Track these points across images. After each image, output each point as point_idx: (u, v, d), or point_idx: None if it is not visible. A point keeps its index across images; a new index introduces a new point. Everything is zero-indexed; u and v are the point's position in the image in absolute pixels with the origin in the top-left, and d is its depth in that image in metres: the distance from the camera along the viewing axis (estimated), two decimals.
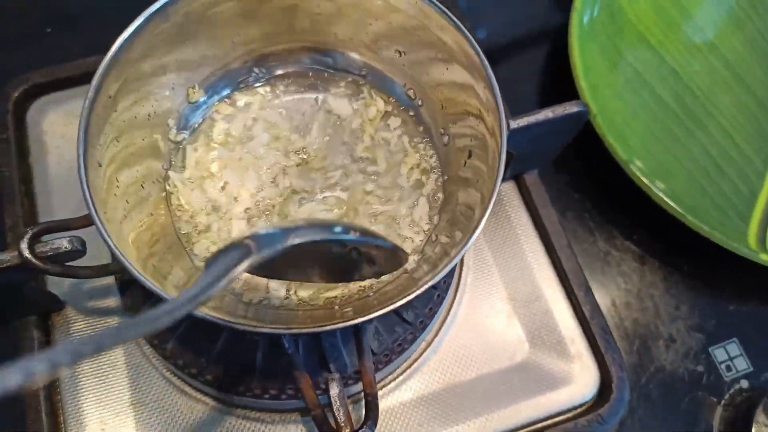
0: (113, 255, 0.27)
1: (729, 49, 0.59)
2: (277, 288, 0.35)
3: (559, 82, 0.51)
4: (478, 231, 0.29)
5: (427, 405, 0.42)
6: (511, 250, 0.47)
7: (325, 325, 0.27)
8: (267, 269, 0.28)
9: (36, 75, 0.52)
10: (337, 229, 0.26)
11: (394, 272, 0.32)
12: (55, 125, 0.51)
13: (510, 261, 0.47)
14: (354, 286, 0.35)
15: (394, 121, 0.41)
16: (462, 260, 0.47)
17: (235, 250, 0.23)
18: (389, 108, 0.41)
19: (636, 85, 0.56)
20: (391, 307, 0.27)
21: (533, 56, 0.60)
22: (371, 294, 0.35)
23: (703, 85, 0.57)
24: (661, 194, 0.46)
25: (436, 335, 0.44)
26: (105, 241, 0.27)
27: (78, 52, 0.53)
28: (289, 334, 0.28)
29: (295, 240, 0.24)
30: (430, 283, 0.28)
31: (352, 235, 0.26)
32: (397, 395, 0.42)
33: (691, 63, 0.58)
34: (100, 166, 0.30)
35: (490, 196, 0.29)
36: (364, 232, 0.27)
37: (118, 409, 0.41)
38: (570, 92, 0.50)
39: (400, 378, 0.43)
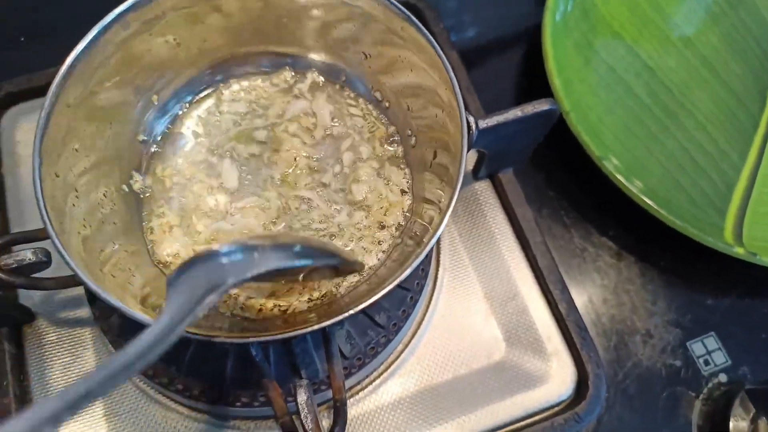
0: (68, 264, 0.27)
1: (705, 44, 0.59)
2: (245, 298, 0.35)
3: (536, 81, 0.51)
4: (437, 234, 0.28)
5: (404, 407, 0.42)
6: (487, 249, 0.47)
7: (280, 333, 0.27)
8: None
9: (8, 84, 0.52)
10: (297, 249, 0.26)
11: (362, 274, 0.33)
12: (29, 135, 0.51)
13: (486, 260, 0.47)
14: (320, 291, 0.35)
15: (361, 121, 0.41)
16: (438, 260, 0.46)
17: (202, 272, 0.23)
18: (358, 111, 0.41)
19: (610, 82, 0.56)
20: (348, 314, 0.27)
21: (513, 55, 0.60)
22: (339, 298, 0.35)
23: (679, 81, 0.57)
24: (635, 190, 0.46)
25: (413, 337, 0.44)
26: (59, 252, 0.27)
27: (52, 61, 0.52)
28: (247, 342, 0.27)
29: (260, 269, 0.24)
30: (392, 285, 0.28)
31: (309, 261, 0.27)
32: (374, 398, 0.42)
33: (666, 59, 0.58)
34: (58, 176, 0.30)
35: (450, 199, 0.29)
36: (322, 252, 0.28)
37: (90, 420, 0.40)
38: (547, 90, 0.50)
39: (378, 381, 0.43)
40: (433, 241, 0.29)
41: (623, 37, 0.58)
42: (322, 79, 0.35)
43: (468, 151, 0.30)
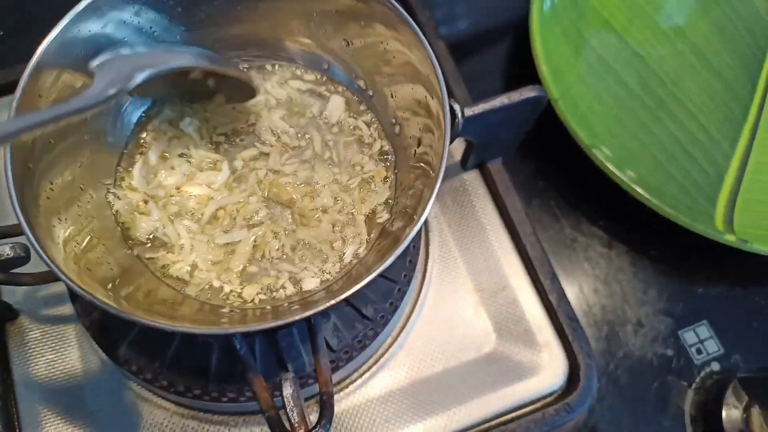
0: (41, 258, 0.26)
1: (696, 33, 0.58)
2: (223, 287, 0.34)
3: (525, 70, 0.51)
4: (418, 225, 0.28)
5: (394, 400, 0.42)
6: (476, 240, 0.47)
7: (262, 323, 0.26)
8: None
9: None
10: (196, 51, 0.32)
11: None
12: None
13: (476, 251, 0.46)
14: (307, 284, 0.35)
15: (347, 112, 0.40)
16: (427, 252, 0.46)
17: (126, 59, 0.29)
18: (342, 100, 0.40)
19: (600, 71, 0.55)
20: (329, 303, 0.27)
21: (501, 45, 0.59)
22: (318, 292, 0.34)
23: (670, 70, 0.56)
24: (625, 179, 0.46)
25: (402, 329, 0.43)
26: (31, 245, 0.26)
27: (29, 56, 0.52)
28: (229, 333, 0.27)
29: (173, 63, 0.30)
30: (372, 275, 0.28)
31: (207, 62, 0.32)
32: (363, 391, 0.42)
33: (657, 48, 0.57)
34: (30, 168, 0.29)
35: (432, 187, 0.28)
36: (219, 60, 0.33)
37: (77, 417, 0.40)
38: (536, 81, 0.50)
39: (367, 374, 0.42)
40: (414, 232, 0.28)
41: (613, 25, 0.57)
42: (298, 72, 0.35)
43: (453, 137, 0.30)
